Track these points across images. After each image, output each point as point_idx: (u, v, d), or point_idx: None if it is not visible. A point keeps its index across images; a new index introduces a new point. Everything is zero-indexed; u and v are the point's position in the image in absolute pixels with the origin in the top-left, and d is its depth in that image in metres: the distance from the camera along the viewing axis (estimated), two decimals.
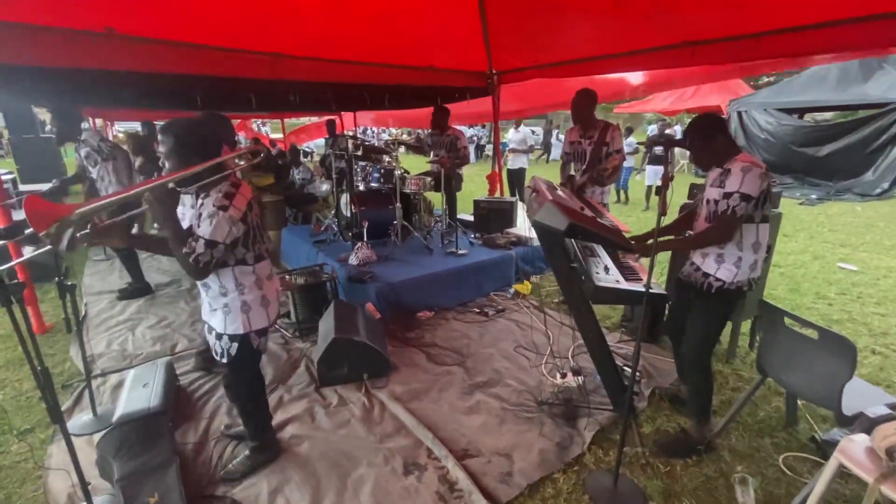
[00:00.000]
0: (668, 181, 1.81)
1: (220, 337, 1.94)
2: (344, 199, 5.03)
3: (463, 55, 5.04)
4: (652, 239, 1.97)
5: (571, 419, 2.52)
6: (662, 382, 2.87)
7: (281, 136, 12.73)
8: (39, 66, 3.11)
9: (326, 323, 3.09)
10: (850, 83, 9.82)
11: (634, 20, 3.51)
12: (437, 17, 4.05)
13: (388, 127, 18.19)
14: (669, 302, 3.02)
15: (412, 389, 2.84)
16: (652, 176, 8.40)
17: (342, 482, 2.12)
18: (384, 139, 15.04)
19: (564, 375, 2.81)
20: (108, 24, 3.15)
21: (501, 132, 7.37)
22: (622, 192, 9.24)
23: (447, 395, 2.80)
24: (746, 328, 3.31)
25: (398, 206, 4.66)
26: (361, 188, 5.05)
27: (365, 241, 4.31)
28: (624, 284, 2.15)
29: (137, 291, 4.30)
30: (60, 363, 3.15)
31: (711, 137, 2.10)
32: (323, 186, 6.65)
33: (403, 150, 6.28)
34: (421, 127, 13.91)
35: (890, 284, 4.61)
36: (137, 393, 2.47)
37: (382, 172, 4.86)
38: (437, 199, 5.44)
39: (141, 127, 5.91)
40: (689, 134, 2.16)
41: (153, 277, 4.66)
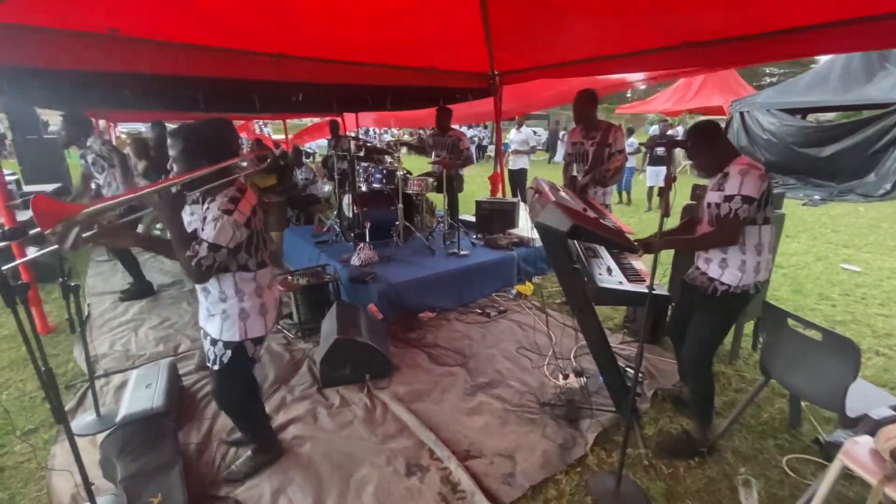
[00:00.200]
0: (670, 182, 1.81)
1: (214, 343, 1.91)
2: (346, 199, 5.04)
3: (465, 56, 5.05)
4: (657, 235, 1.96)
5: (574, 420, 2.52)
6: (665, 384, 2.87)
7: (283, 136, 12.76)
8: (43, 67, 3.12)
9: (329, 324, 3.09)
10: (852, 84, 9.78)
11: (636, 21, 3.51)
12: (438, 18, 4.05)
13: (389, 128, 18.23)
14: (672, 303, 3.01)
15: (414, 390, 2.84)
16: (653, 177, 8.38)
17: (345, 483, 2.12)
18: (386, 140, 15.07)
19: (567, 376, 2.81)
20: (111, 25, 3.17)
21: (503, 133, 7.37)
22: (624, 192, 9.23)
23: (449, 395, 2.80)
24: (749, 329, 3.30)
25: (400, 206, 4.67)
26: (364, 189, 5.07)
27: (367, 241, 4.32)
28: (627, 286, 2.15)
29: (139, 292, 4.32)
30: (64, 363, 3.16)
31: (710, 144, 2.10)
32: (325, 187, 6.67)
33: (405, 150, 6.29)
34: (423, 126, 13.94)
35: (894, 285, 4.60)
36: (140, 393, 2.48)
37: (384, 173, 4.88)
38: (438, 199, 5.44)
39: (152, 127, 5.89)
40: (689, 141, 2.15)
41: (156, 278, 4.67)
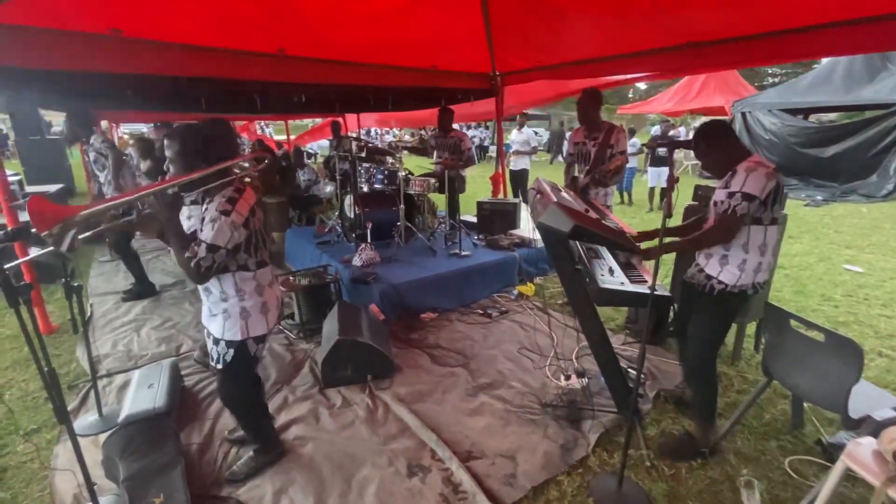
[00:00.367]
0: (673, 182, 1.81)
1: (217, 342, 1.93)
2: (348, 200, 5.04)
3: (466, 57, 5.05)
4: (656, 240, 1.96)
5: (575, 421, 2.52)
6: (667, 385, 2.86)
7: (284, 137, 12.78)
8: (45, 68, 3.13)
9: (330, 324, 3.09)
10: (854, 84, 9.75)
11: (637, 21, 3.50)
12: (440, 18, 4.05)
13: (391, 128, 18.26)
14: (674, 304, 3.00)
15: (416, 391, 2.84)
16: (654, 177, 8.37)
17: (346, 483, 2.13)
18: (388, 140, 15.08)
19: (568, 377, 2.81)
20: (114, 26, 3.18)
21: (504, 133, 7.35)
22: (626, 193, 9.22)
23: (451, 396, 2.80)
24: (752, 330, 3.29)
25: (402, 207, 4.67)
26: (365, 189, 5.07)
27: (368, 242, 4.32)
28: (629, 286, 2.15)
29: (142, 293, 4.33)
30: (66, 364, 3.18)
31: (717, 144, 2.08)
32: (327, 188, 6.68)
33: (406, 151, 6.29)
34: (424, 126, 13.95)
35: None
36: (143, 393, 2.49)
37: (386, 174, 4.88)
38: (440, 200, 5.44)
39: (159, 128, 5.93)
40: (695, 142, 2.15)
41: (158, 278, 4.69)
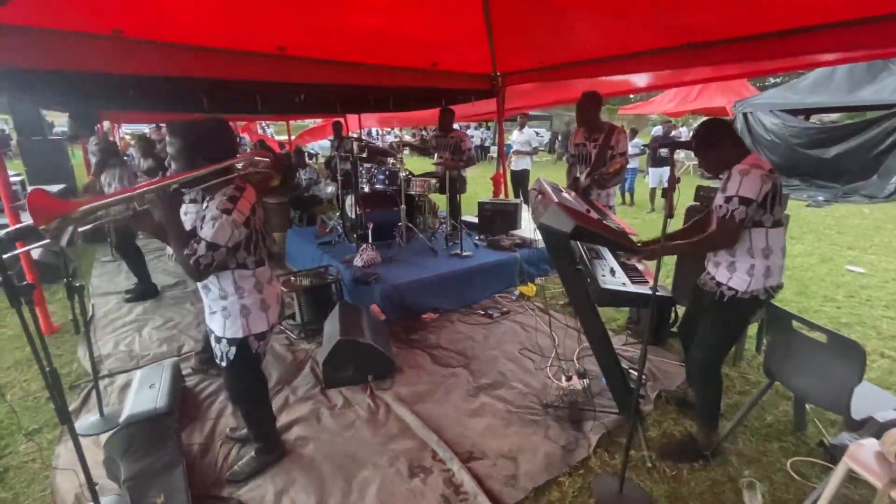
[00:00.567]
0: (674, 183, 1.80)
1: (219, 340, 1.94)
2: (349, 200, 5.04)
3: (467, 57, 5.05)
4: (658, 241, 1.96)
5: (577, 422, 2.52)
6: (668, 385, 2.85)
7: (286, 137, 12.80)
8: (47, 69, 3.14)
9: (331, 324, 3.10)
10: (856, 85, 9.75)
11: (638, 21, 3.50)
12: (441, 19, 4.06)
13: (392, 128, 18.27)
14: (676, 305, 3.00)
15: (417, 391, 2.84)
16: (656, 178, 8.36)
17: (347, 484, 2.13)
18: (389, 141, 15.09)
19: (570, 378, 2.80)
20: (115, 26, 3.18)
21: (506, 133, 7.35)
22: (627, 194, 9.21)
23: (452, 397, 2.80)
24: (753, 331, 3.28)
25: (403, 207, 4.67)
26: (366, 190, 5.07)
27: (370, 242, 4.32)
28: (630, 287, 2.15)
29: (144, 293, 4.33)
30: (68, 364, 3.18)
31: (715, 143, 2.05)
32: (328, 188, 6.68)
33: (408, 151, 6.28)
34: (425, 125, 13.95)
35: None
36: (144, 394, 2.49)
37: (387, 174, 4.88)
38: (441, 200, 5.44)
39: (165, 127, 6.01)
40: (694, 140, 2.12)
41: (160, 279, 4.69)
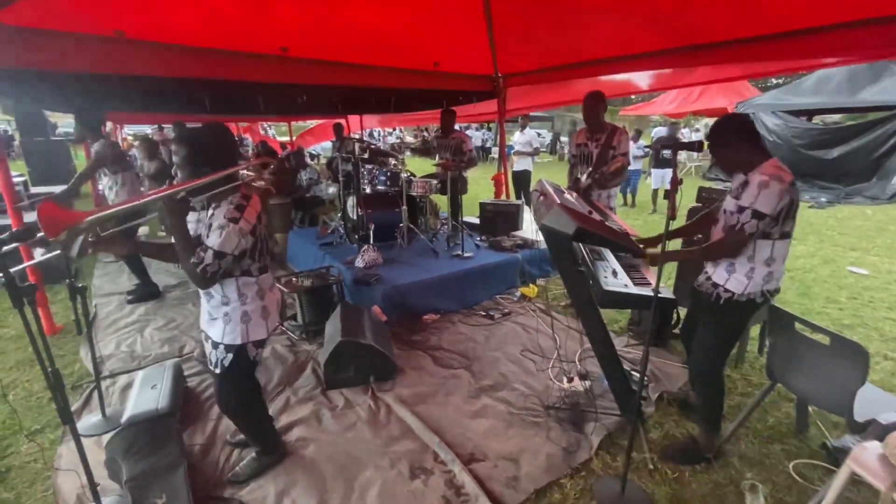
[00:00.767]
0: (676, 184, 1.80)
1: (216, 346, 1.92)
2: (350, 201, 5.05)
3: (468, 59, 5.06)
4: (661, 247, 1.94)
5: (578, 424, 2.51)
6: (670, 387, 2.85)
7: (287, 138, 12.82)
8: (50, 70, 3.15)
9: (333, 325, 3.10)
10: (859, 85, 9.72)
11: (640, 23, 3.50)
12: (442, 20, 4.06)
13: (394, 128, 18.29)
14: (678, 306, 2.99)
15: (418, 393, 2.84)
16: (658, 179, 8.36)
17: (348, 485, 2.12)
18: (390, 142, 15.09)
19: (571, 380, 2.79)
20: (117, 27, 3.19)
21: (507, 134, 7.36)
22: (629, 195, 9.21)
23: (453, 398, 2.79)
24: (756, 333, 3.27)
25: (404, 208, 4.67)
26: (368, 191, 5.07)
27: (371, 243, 4.33)
28: (632, 289, 2.14)
29: (146, 294, 4.34)
30: (70, 364, 3.18)
31: (730, 142, 2.01)
32: (329, 189, 6.69)
33: (409, 153, 6.29)
34: (426, 125, 13.93)
35: None
36: (146, 394, 2.49)
37: (389, 175, 4.89)
38: (442, 201, 5.44)
39: (172, 127, 6.01)
40: (710, 136, 2.08)
41: (161, 279, 4.70)
